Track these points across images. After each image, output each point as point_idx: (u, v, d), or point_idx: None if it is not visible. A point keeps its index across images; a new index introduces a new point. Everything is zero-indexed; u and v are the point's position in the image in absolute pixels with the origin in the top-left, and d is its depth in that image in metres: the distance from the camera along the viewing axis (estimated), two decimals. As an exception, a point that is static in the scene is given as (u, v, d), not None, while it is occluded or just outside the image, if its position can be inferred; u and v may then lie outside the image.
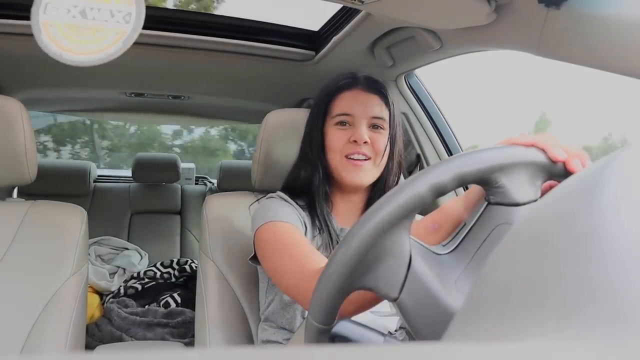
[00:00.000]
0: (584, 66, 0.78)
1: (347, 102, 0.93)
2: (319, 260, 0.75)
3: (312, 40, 1.42)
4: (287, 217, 0.86)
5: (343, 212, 0.97)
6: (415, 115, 1.47)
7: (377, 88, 0.95)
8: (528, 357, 0.15)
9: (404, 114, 1.45)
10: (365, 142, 0.90)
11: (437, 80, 1.52)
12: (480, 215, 0.51)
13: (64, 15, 0.42)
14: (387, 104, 0.95)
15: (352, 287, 0.47)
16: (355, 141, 0.90)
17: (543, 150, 0.50)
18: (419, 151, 1.49)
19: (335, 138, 0.92)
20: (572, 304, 0.17)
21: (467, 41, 1.03)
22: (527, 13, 0.83)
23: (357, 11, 1.13)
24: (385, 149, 0.93)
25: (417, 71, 1.44)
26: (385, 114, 0.94)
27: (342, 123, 0.93)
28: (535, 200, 0.50)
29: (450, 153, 1.47)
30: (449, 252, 0.51)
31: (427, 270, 0.47)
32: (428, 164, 1.48)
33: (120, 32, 0.45)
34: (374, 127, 0.93)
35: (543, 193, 0.52)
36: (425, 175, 0.46)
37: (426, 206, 0.47)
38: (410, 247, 0.47)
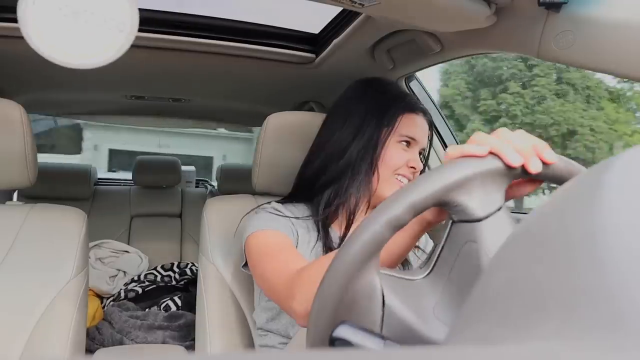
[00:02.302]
0: (585, 69, 0.78)
1: (414, 127, 0.94)
2: (302, 263, 0.76)
3: (312, 43, 1.42)
4: (275, 225, 0.87)
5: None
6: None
7: (430, 119, 0.99)
8: (529, 360, 0.15)
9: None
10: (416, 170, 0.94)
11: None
12: (447, 235, 0.49)
13: (55, 12, 0.42)
14: (431, 128, 0.99)
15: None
16: (413, 167, 0.93)
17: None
18: (419, 154, 1.49)
19: (397, 155, 0.92)
20: (572, 307, 0.17)
21: (467, 44, 1.03)
22: (527, 16, 0.83)
23: (357, 14, 1.13)
24: None
25: (418, 73, 1.44)
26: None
27: (407, 143, 0.94)
28: (499, 209, 0.47)
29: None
30: (424, 277, 0.49)
31: (400, 304, 0.46)
32: (428, 167, 1.48)
33: (113, 40, 0.45)
34: (420, 153, 0.97)
35: (508, 197, 0.51)
36: (380, 213, 0.45)
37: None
38: (381, 284, 0.47)
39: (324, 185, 0.94)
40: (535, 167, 0.47)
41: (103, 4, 0.44)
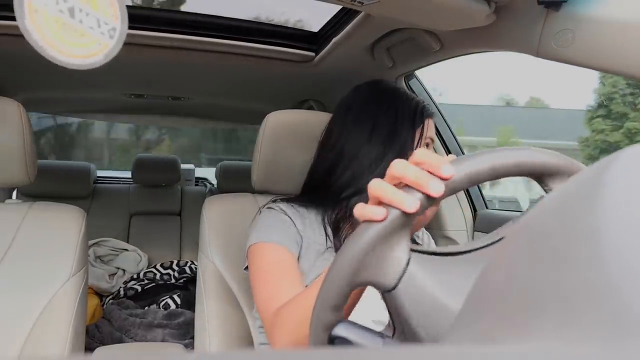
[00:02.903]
0: (584, 67, 0.78)
1: (432, 129, 0.96)
2: (290, 290, 0.77)
3: (312, 41, 1.42)
4: (278, 238, 0.86)
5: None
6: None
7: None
8: (529, 359, 0.15)
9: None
10: None
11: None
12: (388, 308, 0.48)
13: (52, 5, 0.42)
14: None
15: (355, 283, 0.46)
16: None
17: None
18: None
19: None
20: (572, 305, 0.17)
21: (466, 42, 1.03)
22: (526, 14, 0.83)
23: (357, 12, 1.13)
24: None
25: (417, 72, 1.44)
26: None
27: (426, 146, 0.95)
28: (408, 263, 0.45)
29: (449, 154, 1.47)
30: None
31: (426, 269, 0.46)
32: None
33: (103, 45, 0.44)
34: None
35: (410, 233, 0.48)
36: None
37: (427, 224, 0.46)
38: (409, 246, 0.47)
39: (343, 187, 0.91)
40: (436, 191, 0.44)
41: (99, 7, 0.44)
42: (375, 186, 0.47)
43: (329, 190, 0.92)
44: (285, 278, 0.81)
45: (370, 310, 0.89)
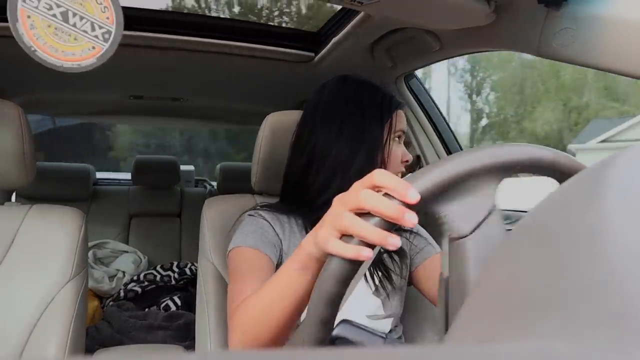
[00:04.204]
0: (584, 66, 0.78)
1: (403, 122, 0.95)
2: (255, 287, 0.74)
3: (311, 41, 1.42)
4: (254, 242, 0.86)
5: None
6: (415, 116, 1.47)
7: (405, 112, 0.99)
8: (529, 358, 0.15)
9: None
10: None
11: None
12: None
13: (43, 10, 0.42)
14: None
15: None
16: (406, 160, 0.93)
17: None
18: (418, 152, 1.49)
19: (396, 153, 0.93)
20: (573, 304, 0.17)
21: (466, 42, 1.03)
22: (526, 14, 0.83)
23: (356, 12, 1.13)
24: None
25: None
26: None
27: (398, 138, 0.94)
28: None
29: (449, 154, 1.47)
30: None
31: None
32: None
33: (97, 48, 0.45)
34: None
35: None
36: None
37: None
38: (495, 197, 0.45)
39: (320, 190, 0.90)
40: (411, 222, 0.44)
41: (94, 10, 0.44)
42: (351, 221, 0.47)
43: (306, 195, 0.91)
44: (253, 276, 0.79)
45: (363, 306, 0.89)
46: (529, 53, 0.86)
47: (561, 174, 0.47)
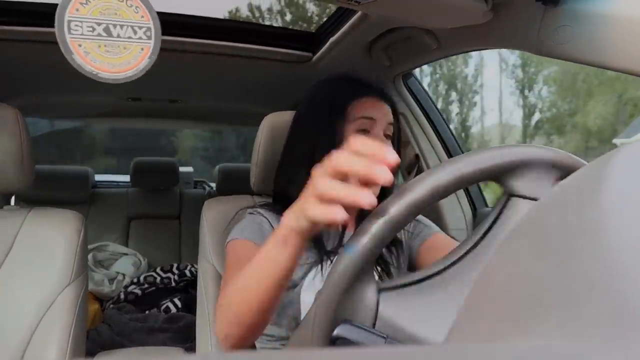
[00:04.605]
0: (583, 64, 0.78)
1: (369, 107, 0.90)
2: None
3: (309, 41, 1.42)
4: (250, 234, 0.87)
5: None
6: (414, 116, 1.47)
7: (389, 98, 0.94)
8: (532, 356, 0.15)
9: (402, 114, 1.45)
10: None
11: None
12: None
13: (89, 33, 0.43)
14: (395, 114, 0.94)
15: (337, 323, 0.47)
16: None
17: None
18: (417, 151, 1.49)
19: None
20: (574, 302, 0.17)
21: (464, 40, 1.03)
22: (524, 11, 0.83)
23: (353, 12, 1.12)
24: None
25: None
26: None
27: (364, 130, 0.91)
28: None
29: (448, 153, 1.47)
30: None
31: (398, 306, 0.47)
32: (427, 165, 1.48)
33: (145, 47, 0.46)
34: (386, 136, 0.92)
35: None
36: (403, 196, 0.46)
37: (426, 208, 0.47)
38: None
39: (287, 188, 0.93)
40: (384, 177, 0.45)
41: (128, 14, 0.45)
42: (323, 184, 0.48)
43: (289, 194, 0.92)
44: (243, 266, 0.80)
45: None
46: (527, 51, 0.86)
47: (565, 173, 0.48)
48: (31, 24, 1.17)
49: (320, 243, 0.92)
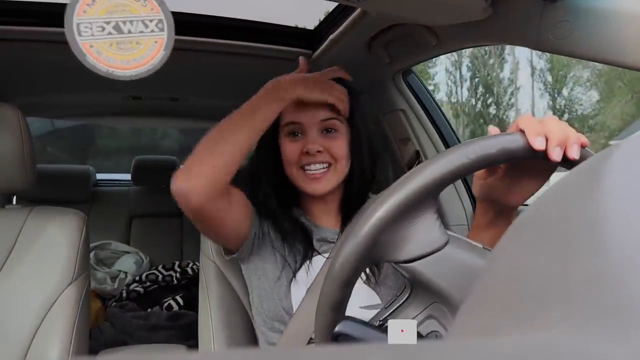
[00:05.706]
0: (582, 59, 0.78)
1: (294, 109, 0.87)
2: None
3: (308, 39, 1.42)
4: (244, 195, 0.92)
5: (317, 213, 0.97)
6: (414, 112, 1.46)
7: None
8: (533, 350, 0.15)
9: (402, 110, 1.45)
10: (319, 152, 0.86)
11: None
12: None
13: (99, 34, 0.43)
14: (352, 94, 0.93)
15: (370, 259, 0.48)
16: (307, 152, 0.87)
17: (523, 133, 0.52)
18: (417, 147, 1.49)
19: (288, 150, 0.89)
20: (574, 297, 0.17)
21: (464, 36, 1.03)
22: (523, 7, 0.83)
23: (353, 9, 1.12)
24: (346, 151, 0.89)
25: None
26: (338, 111, 0.89)
27: (293, 134, 0.89)
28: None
29: (448, 147, 1.47)
30: None
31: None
32: (424, 157, 1.47)
33: (159, 39, 0.46)
34: (327, 131, 0.89)
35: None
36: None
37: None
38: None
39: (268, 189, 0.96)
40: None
41: (137, 9, 0.45)
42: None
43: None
44: None
45: (356, 297, 0.89)
46: (527, 47, 0.86)
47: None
48: (31, 24, 1.17)
49: (308, 239, 0.92)
